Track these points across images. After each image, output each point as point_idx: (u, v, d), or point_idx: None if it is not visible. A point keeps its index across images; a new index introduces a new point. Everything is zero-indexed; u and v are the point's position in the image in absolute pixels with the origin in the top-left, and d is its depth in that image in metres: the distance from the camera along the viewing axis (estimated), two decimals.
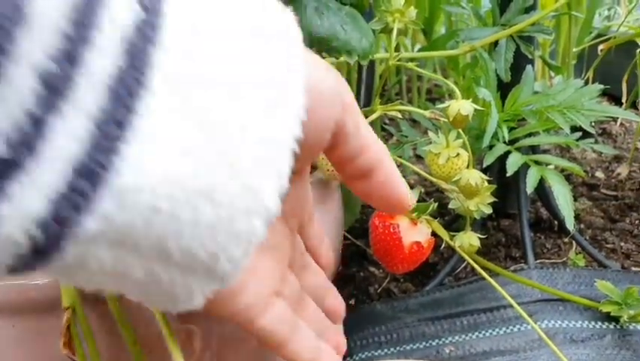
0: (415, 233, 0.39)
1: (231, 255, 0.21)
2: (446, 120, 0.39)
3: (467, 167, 0.41)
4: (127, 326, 0.31)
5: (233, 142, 0.20)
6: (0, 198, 0.16)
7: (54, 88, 0.16)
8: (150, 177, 0.18)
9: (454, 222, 0.59)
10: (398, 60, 0.42)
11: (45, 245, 0.18)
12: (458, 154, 0.41)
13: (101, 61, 0.17)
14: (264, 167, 0.21)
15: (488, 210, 0.42)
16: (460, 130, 0.40)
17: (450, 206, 0.42)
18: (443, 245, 0.68)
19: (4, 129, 0.16)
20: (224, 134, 0.20)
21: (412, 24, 0.40)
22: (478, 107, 0.41)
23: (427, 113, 0.40)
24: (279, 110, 0.21)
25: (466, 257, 0.41)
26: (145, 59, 0.18)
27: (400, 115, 0.42)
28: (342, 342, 0.35)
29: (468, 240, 0.41)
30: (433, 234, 0.42)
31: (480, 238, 0.45)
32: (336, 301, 0.36)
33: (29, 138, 0.16)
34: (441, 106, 0.40)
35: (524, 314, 0.40)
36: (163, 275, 0.21)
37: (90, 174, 0.17)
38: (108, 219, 0.18)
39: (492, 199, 0.42)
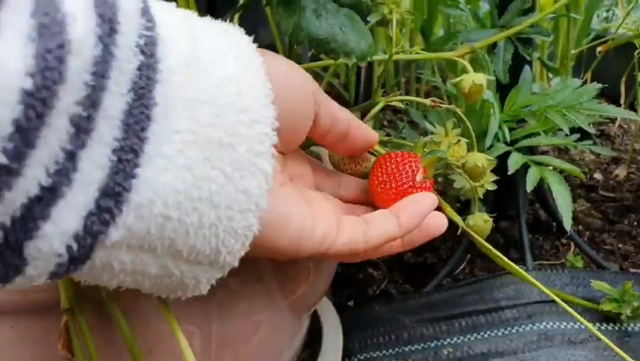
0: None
1: (231, 248, 0.26)
2: (448, 108, 0.40)
3: (472, 150, 0.41)
4: (125, 327, 0.31)
5: (224, 155, 0.24)
6: (45, 220, 0.20)
7: (81, 127, 0.20)
8: (161, 192, 0.22)
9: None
10: (396, 60, 0.43)
11: (80, 254, 0.22)
12: (459, 141, 0.42)
13: (114, 102, 0.21)
14: (251, 172, 0.25)
15: (492, 187, 0.43)
16: (462, 115, 0.40)
17: (455, 185, 0.43)
18: (443, 246, 0.68)
19: (47, 164, 0.20)
20: (216, 149, 0.24)
21: (407, 14, 0.41)
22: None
23: (427, 101, 0.40)
24: (257, 125, 0.26)
25: (483, 242, 0.40)
26: (148, 95, 0.22)
27: (401, 104, 0.43)
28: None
29: (481, 218, 0.41)
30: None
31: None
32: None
33: (65, 168, 0.20)
34: (454, 80, 0.40)
35: (574, 313, 0.38)
36: (174, 269, 0.25)
37: (113, 194, 0.21)
38: (129, 229, 0.22)
39: (495, 177, 0.43)
